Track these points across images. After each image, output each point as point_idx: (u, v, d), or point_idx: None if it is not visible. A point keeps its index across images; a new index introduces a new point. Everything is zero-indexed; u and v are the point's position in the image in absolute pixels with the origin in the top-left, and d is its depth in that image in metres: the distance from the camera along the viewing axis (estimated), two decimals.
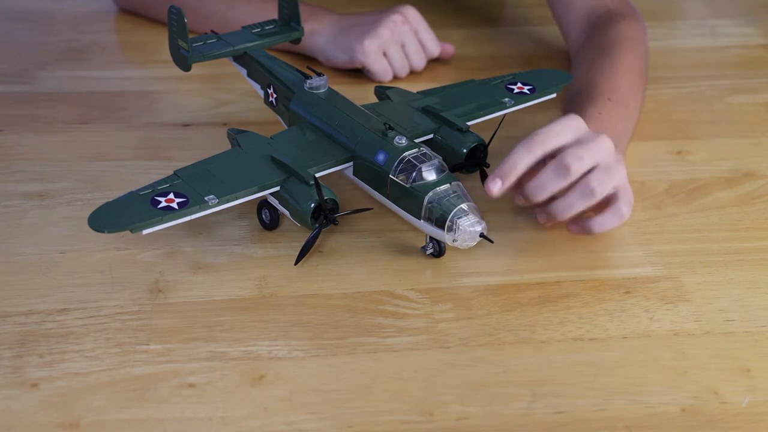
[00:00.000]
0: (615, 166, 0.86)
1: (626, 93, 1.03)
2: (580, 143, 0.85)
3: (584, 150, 0.85)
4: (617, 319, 0.82)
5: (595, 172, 0.85)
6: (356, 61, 1.16)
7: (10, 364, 0.76)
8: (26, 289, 0.84)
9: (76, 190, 0.97)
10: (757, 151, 1.07)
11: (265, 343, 0.79)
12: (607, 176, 0.85)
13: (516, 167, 0.85)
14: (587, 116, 0.96)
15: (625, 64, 1.07)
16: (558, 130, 0.86)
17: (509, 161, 0.85)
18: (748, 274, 0.88)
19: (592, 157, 0.85)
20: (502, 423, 0.72)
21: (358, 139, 0.89)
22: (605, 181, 0.85)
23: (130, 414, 0.72)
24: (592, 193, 0.85)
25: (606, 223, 0.87)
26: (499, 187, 0.85)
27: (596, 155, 0.85)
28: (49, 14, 1.35)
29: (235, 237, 0.90)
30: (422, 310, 0.83)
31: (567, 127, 0.86)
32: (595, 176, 0.85)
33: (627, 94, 1.03)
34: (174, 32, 0.98)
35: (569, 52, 1.20)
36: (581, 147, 0.85)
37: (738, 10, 1.43)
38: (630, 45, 1.10)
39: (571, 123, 0.87)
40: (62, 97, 1.14)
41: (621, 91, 1.03)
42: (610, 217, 0.87)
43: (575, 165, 0.84)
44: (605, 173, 0.85)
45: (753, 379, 0.77)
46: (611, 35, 1.11)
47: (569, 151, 0.84)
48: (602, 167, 0.85)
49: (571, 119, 0.87)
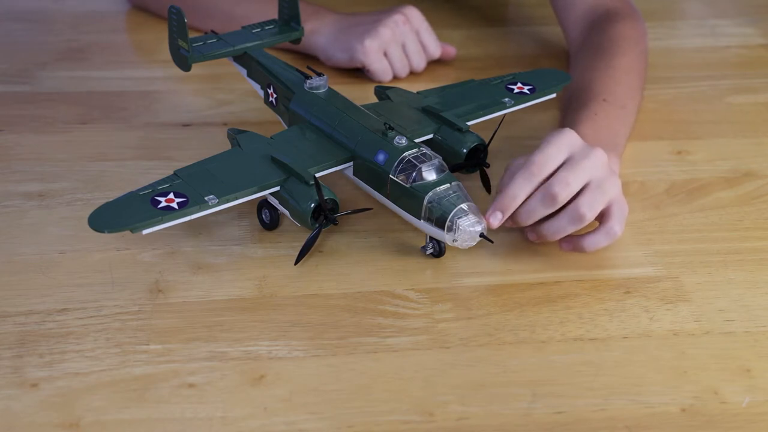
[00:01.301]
0: (608, 180, 0.85)
1: (623, 93, 1.03)
2: (571, 165, 0.84)
3: (573, 173, 0.84)
4: (617, 319, 0.82)
5: (585, 193, 0.84)
6: (356, 60, 1.16)
7: (10, 364, 0.76)
8: (26, 289, 0.84)
9: (76, 190, 0.97)
10: (757, 151, 1.07)
11: (265, 343, 0.79)
12: (599, 195, 0.84)
13: (516, 199, 0.84)
14: (583, 118, 0.96)
15: (623, 65, 1.07)
16: (553, 152, 0.85)
17: (509, 193, 0.84)
18: (748, 274, 0.88)
19: (583, 177, 0.84)
20: (502, 423, 0.72)
21: (358, 139, 0.89)
22: (596, 201, 0.84)
23: (130, 414, 0.72)
24: (581, 219, 0.84)
25: (598, 242, 0.87)
26: (499, 220, 0.85)
27: (588, 174, 0.84)
28: (49, 14, 1.35)
29: (235, 237, 0.90)
30: (422, 310, 0.83)
31: (561, 147, 0.85)
32: (585, 199, 0.84)
33: (624, 95, 1.03)
34: (174, 32, 0.98)
35: (569, 52, 1.20)
36: (571, 170, 0.84)
37: (738, 10, 1.42)
38: (628, 45, 1.10)
39: (565, 140, 0.85)
40: (62, 97, 1.14)
41: (618, 92, 1.03)
42: (603, 236, 0.86)
43: (562, 194, 0.83)
44: (597, 192, 0.84)
45: (753, 379, 0.77)
46: (610, 35, 1.11)
47: (556, 179, 0.83)
48: (594, 185, 0.84)
49: (563, 136, 0.86)
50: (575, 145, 0.86)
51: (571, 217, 0.84)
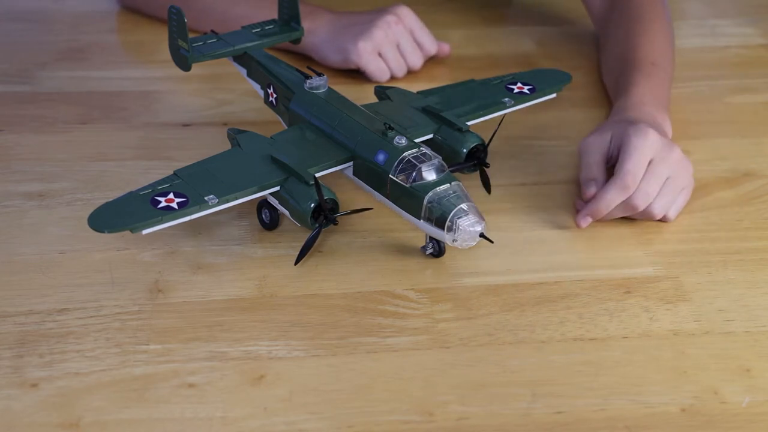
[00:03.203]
0: (680, 178, 0.92)
1: (665, 57, 1.10)
2: (653, 173, 0.90)
3: (655, 184, 0.90)
4: (617, 319, 0.82)
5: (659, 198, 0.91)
6: (351, 62, 1.16)
7: (10, 364, 0.76)
8: (26, 289, 0.84)
9: (76, 190, 0.97)
10: (757, 151, 1.07)
11: (265, 343, 0.79)
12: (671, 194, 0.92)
13: (609, 207, 0.90)
14: (639, 80, 1.03)
15: (658, 29, 1.13)
16: (642, 160, 0.89)
17: (603, 201, 0.90)
18: (748, 274, 0.88)
19: (661, 182, 0.91)
20: (502, 423, 0.72)
21: (358, 139, 0.89)
22: (668, 202, 0.92)
23: (130, 414, 0.72)
24: (652, 217, 0.92)
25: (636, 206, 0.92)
26: (588, 223, 0.92)
27: (665, 176, 0.91)
28: (49, 14, 1.35)
29: (235, 237, 0.90)
30: (422, 310, 0.83)
31: (646, 152, 0.90)
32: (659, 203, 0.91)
33: (665, 58, 1.10)
34: (174, 32, 0.98)
35: (592, 19, 1.25)
36: (653, 180, 0.90)
37: (738, 10, 1.43)
38: (659, 11, 1.16)
39: (648, 143, 0.90)
40: (62, 97, 1.14)
41: (661, 56, 1.09)
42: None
43: (643, 206, 0.90)
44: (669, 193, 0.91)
45: (753, 379, 0.77)
46: (639, 2, 1.17)
47: (640, 192, 0.90)
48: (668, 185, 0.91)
49: (647, 139, 0.90)
50: (656, 145, 0.91)
51: (642, 214, 0.92)
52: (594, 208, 0.91)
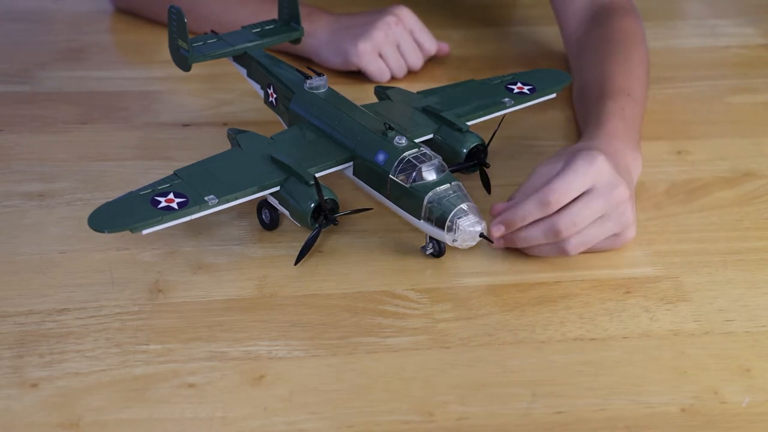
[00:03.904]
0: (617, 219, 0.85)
1: (641, 88, 1.03)
2: (587, 202, 0.83)
3: (585, 213, 0.83)
4: (617, 319, 0.82)
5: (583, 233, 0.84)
6: (351, 63, 1.16)
7: (10, 364, 0.76)
8: (26, 289, 0.84)
9: (76, 190, 0.97)
10: (757, 151, 1.07)
11: (265, 343, 0.79)
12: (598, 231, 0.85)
13: (523, 221, 0.84)
14: (613, 111, 0.95)
15: (637, 59, 1.07)
16: (577, 183, 0.83)
17: (519, 213, 0.84)
18: (748, 274, 0.88)
19: (593, 217, 0.84)
20: (502, 423, 0.72)
21: (358, 139, 0.89)
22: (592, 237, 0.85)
23: (130, 414, 0.72)
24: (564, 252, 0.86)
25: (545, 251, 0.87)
26: (501, 233, 0.85)
27: (600, 212, 0.84)
28: (49, 14, 1.35)
29: (235, 237, 0.90)
30: (422, 310, 0.83)
31: (586, 177, 0.83)
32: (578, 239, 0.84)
33: (641, 90, 1.03)
34: (174, 32, 0.98)
35: (565, 42, 1.19)
36: (585, 207, 0.83)
37: (738, 10, 1.42)
38: (638, 39, 1.10)
39: (592, 170, 0.83)
40: (62, 97, 1.14)
41: (637, 87, 1.02)
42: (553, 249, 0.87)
43: (566, 233, 0.84)
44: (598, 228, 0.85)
45: (753, 379, 0.77)
46: (618, 28, 1.11)
47: (566, 217, 0.83)
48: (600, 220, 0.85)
49: (593, 165, 0.83)
50: (602, 176, 0.84)
51: (557, 248, 0.85)
52: (509, 218, 0.84)
